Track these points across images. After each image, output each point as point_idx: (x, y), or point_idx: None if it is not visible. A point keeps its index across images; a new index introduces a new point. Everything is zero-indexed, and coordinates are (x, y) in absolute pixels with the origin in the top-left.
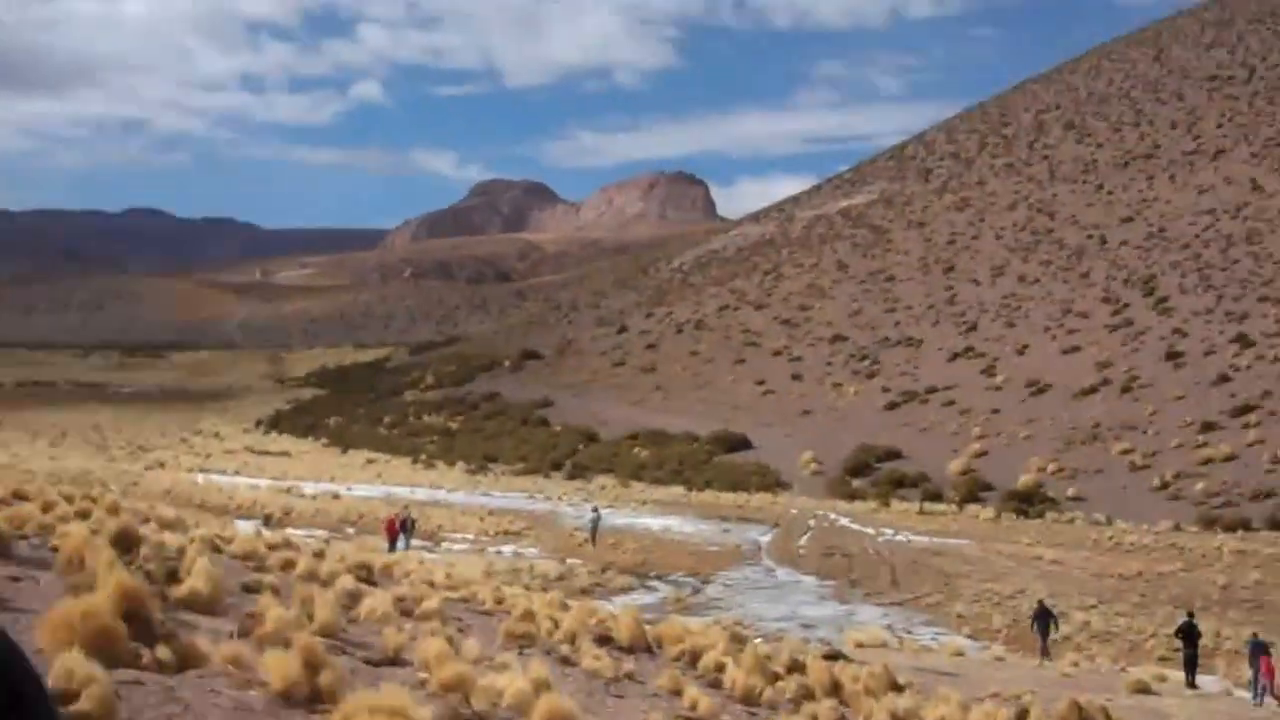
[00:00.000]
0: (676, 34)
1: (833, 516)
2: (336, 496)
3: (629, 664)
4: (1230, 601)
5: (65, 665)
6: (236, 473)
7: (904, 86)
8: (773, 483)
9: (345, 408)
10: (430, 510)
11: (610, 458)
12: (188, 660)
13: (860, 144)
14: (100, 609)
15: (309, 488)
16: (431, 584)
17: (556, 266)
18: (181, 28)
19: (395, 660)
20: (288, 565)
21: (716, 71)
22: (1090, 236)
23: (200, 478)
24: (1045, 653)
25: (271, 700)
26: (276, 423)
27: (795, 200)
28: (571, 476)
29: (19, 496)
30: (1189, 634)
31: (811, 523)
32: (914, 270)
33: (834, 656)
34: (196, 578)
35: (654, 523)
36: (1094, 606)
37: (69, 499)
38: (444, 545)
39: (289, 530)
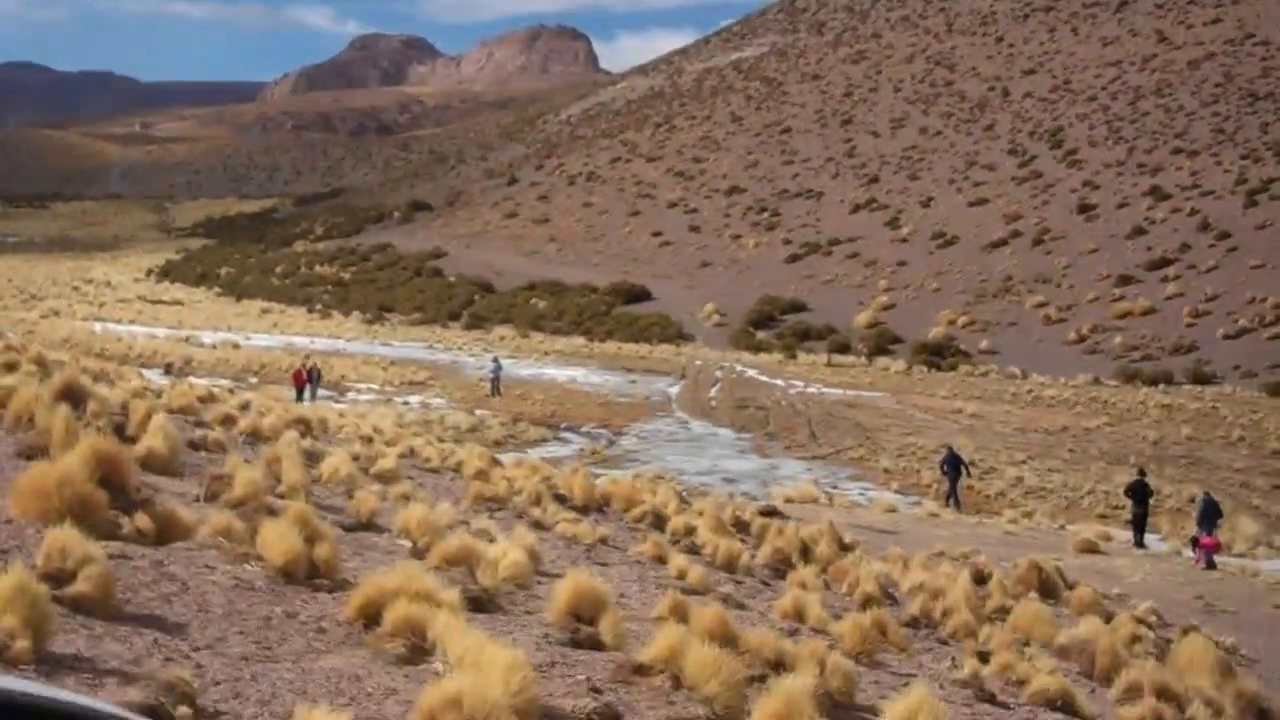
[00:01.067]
0: None
1: (739, 369)
2: (236, 346)
3: (601, 527)
4: (1164, 458)
5: (57, 541)
6: (132, 322)
7: None
8: (675, 334)
9: (236, 258)
10: (332, 360)
11: (508, 308)
12: (171, 531)
13: None
14: (76, 475)
15: (208, 337)
16: (368, 439)
17: (438, 120)
18: None
19: (369, 525)
20: (227, 420)
21: None
22: (992, 89)
23: (97, 326)
24: (955, 499)
25: (272, 577)
26: (168, 272)
27: (684, 53)
28: (469, 327)
29: None
30: (1140, 493)
31: (719, 374)
32: (810, 123)
33: (770, 513)
34: (153, 436)
35: (559, 373)
36: (1024, 462)
37: None
38: (349, 395)
39: (192, 380)
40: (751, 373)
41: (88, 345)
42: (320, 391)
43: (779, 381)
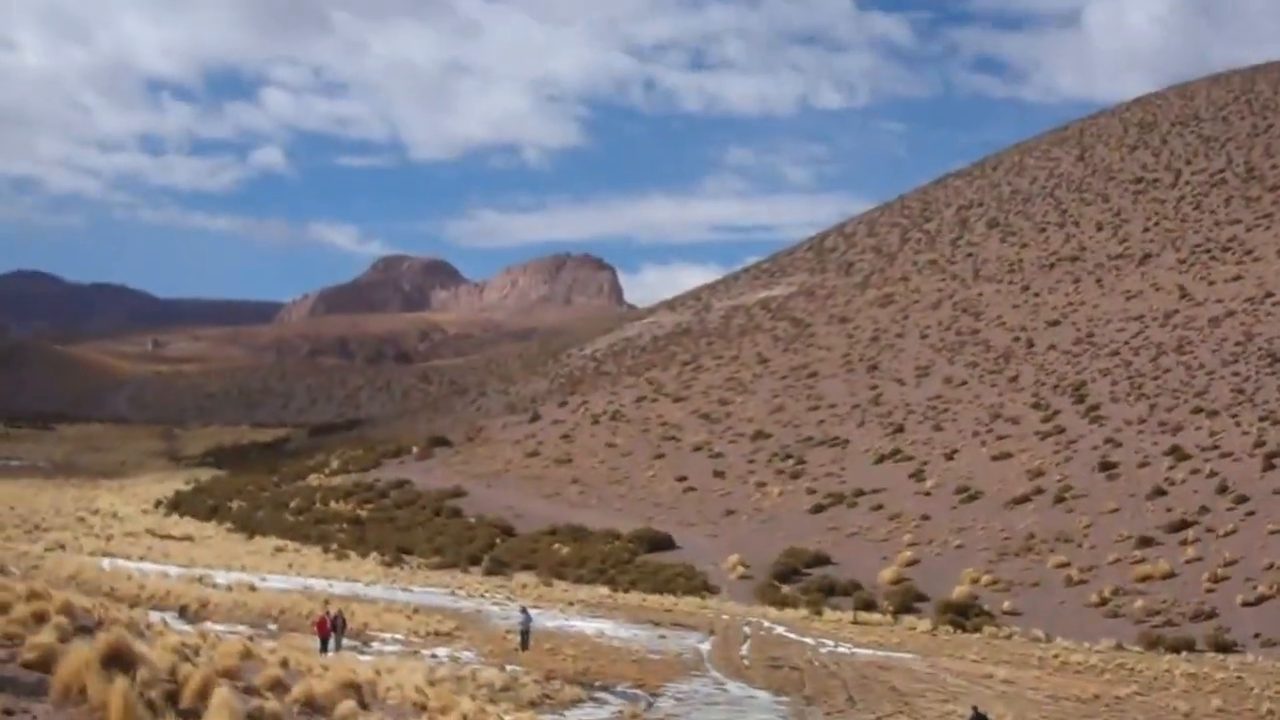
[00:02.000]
0: (585, 113)
1: (766, 624)
2: (253, 588)
3: None
4: None
5: None
6: (142, 558)
7: (811, 177)
8: (700, 586)
9: (248, 491)
10: (352, 606)
11: (529, 553)
12: None
13: (765, 234)
14: None
15: (221, 577)
16: (422, 706)
17: (458, 348)
18: (80, 83)
19: None
20: (277, 686)
21: (624, 154)
22: (1017, 339)
23: (106, 563)
24: None
25: None
26: (177, 504)
27: (712, 289)
28: (490, 572)
29: None
30: None
31: (747, 630)
32: (837, 367)
33: None
34: (218, 714)
35: (585, 626)
36: None
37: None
38: (374, 645)
39: (208, 625)
40: (779, 630)
41: (96, 583)
42: (345, 641)
43: (808, 640)
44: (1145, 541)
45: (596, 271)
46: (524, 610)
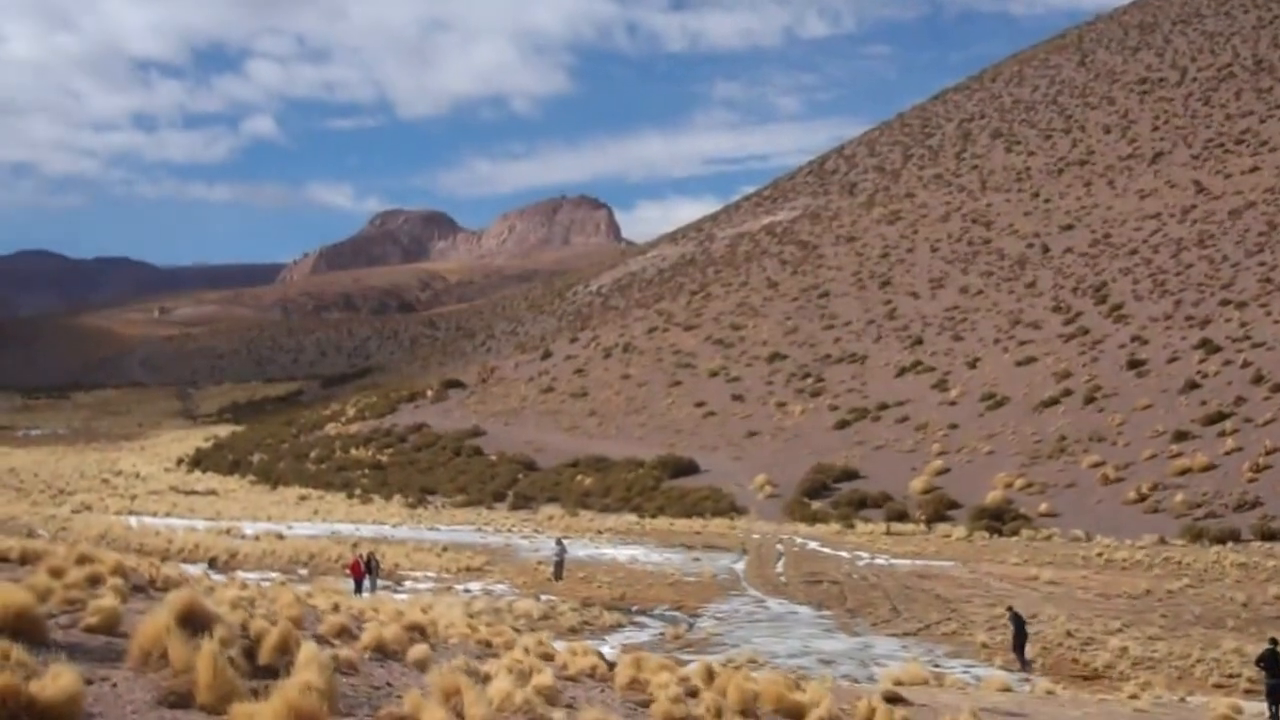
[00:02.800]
0: (571, 60)
1: (799, 541)
2: (280, 536)
3: None
4: (1259, 620)
5: None
6: (168, 514)
7: (803, 105)
8: (728, 507)
9: (267, 444)
10: (382, 548)
11: (553, 486)
12: None
13: (760, 164)
14: None
15: (249, 528)
16: (487, 643)
17: (460, 295)
18: (69, 68)
19: None
20: (343, 633)
21: (612, 96)
22: (1031, 245)
23: (133, 520)
24: (1026, 665)
25: None
26: (199, 461)
27: (714, 219)
28: (515, 507)
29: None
30: (1274, 663)
31: (780, 548)
32: (849, 285)
33: (894, 700)
34: (307, 669)
35: (617, 553)
36: (1120, 630)
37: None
38: (407, 584)
39: (238, 574)
40: (813, 545)
41: (125, 541)
42: (379, 582)
43: (843, 553)
44: (1181, 436)
45: (593, 211)
46: (559, 541)
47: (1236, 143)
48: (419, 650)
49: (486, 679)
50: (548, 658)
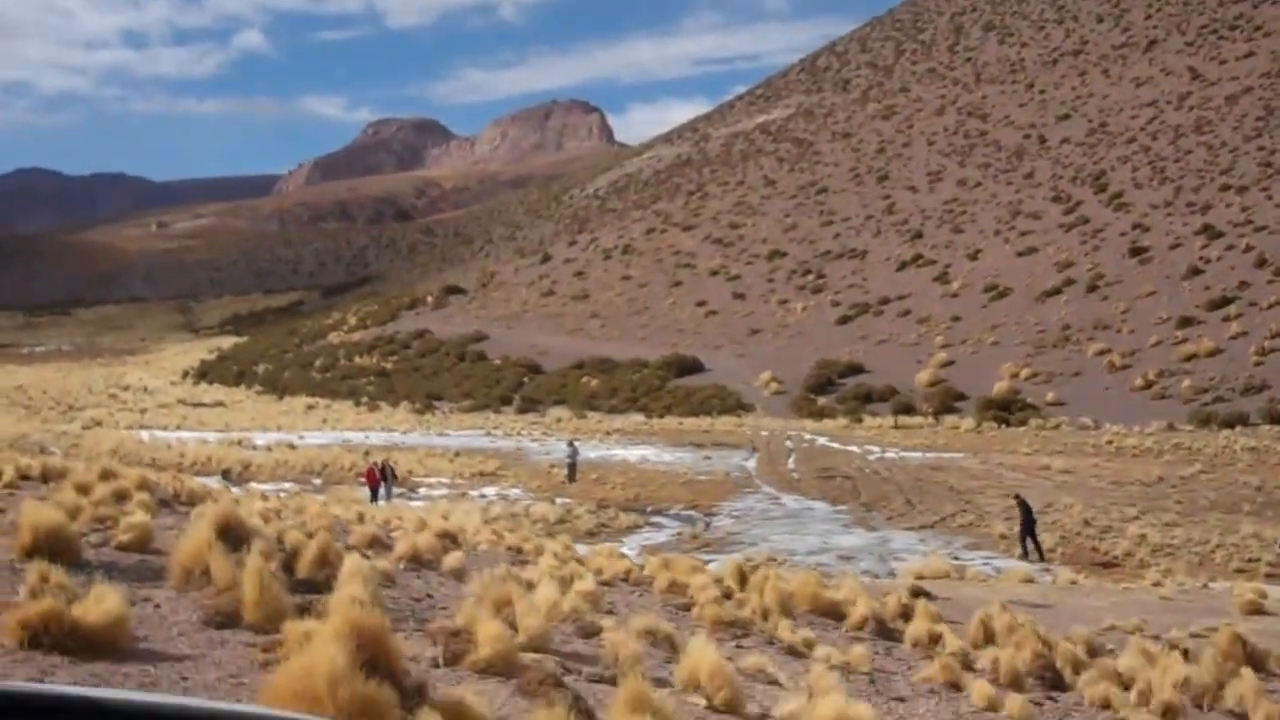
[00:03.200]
0: None
1: (808, 436)
2: (292, 447)
3: (860, 648)
4: (1274, 503)
5: None
6: (178, 427)
7: (790, 4)
8: (734, 405)
9: (271, 354)
10: (394, 455)
11: (559, 389)
12: None
13: (749, 64)
14: (340, 668)
15: (260, 439)
16: (517, 549)
17: (456, 202)
18: None
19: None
20: (375, 543)
21: (600, 1)
22: (1028, 136)
23: (144, 434)
24: (1036, 549)
25: None
26: (205, 373)
27: (708, 119)
28: (523, 410)
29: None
30: None
31: (789, 444)
32: (846, 181)
33: (919, 594)
34: (351, 582)
35: (627, 454)
36: (1137, 518)
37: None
38: (421, 491)
39: (252, 484)
40: (822, 440)
41: (137, 455)
42: (393, 489)
43: (853, 448)
44: (1186, 321)
45: (585, 115)
46: (570, 443)
47: (1230, 28)
48: (454, 559)
49: (530, 586)
50: (579, 563)
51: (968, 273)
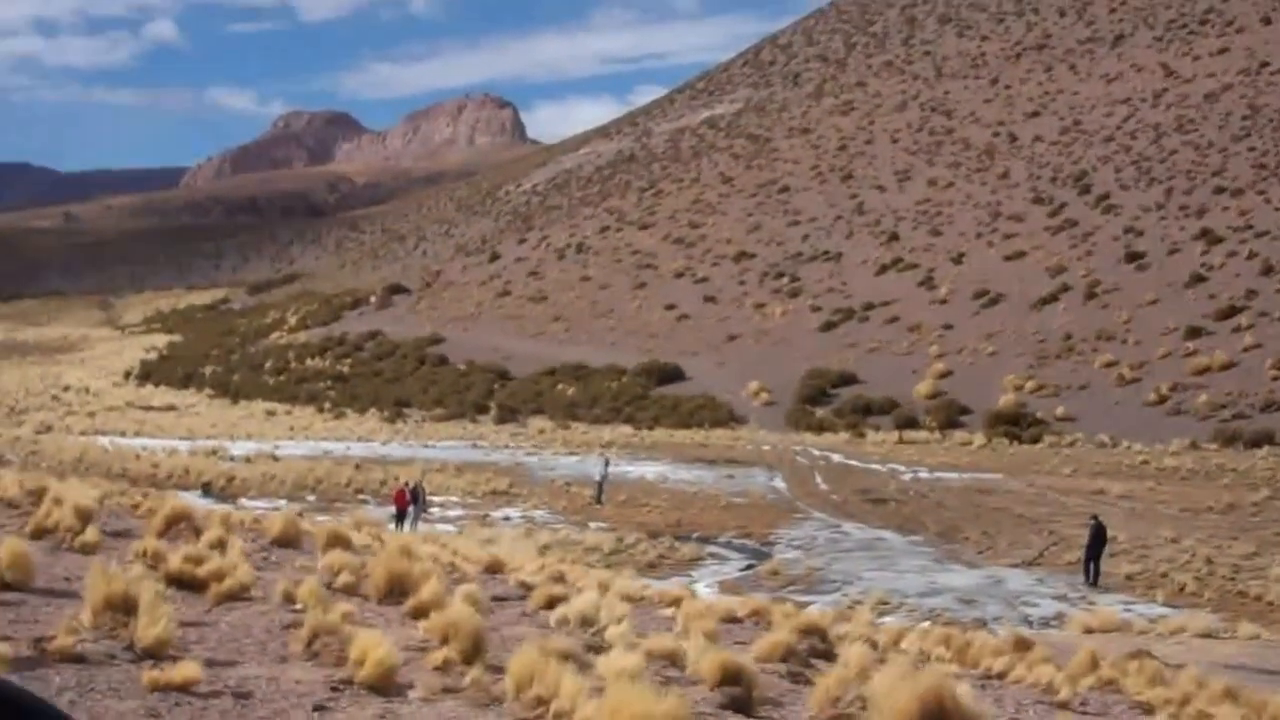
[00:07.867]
0: None
1: (816, 452)
2: (275, 458)
3: None
4: None
5: None
6: (137, 433)
7: (699, 3)
8: (726, 417)
9: (215, 355)
10: (393, 469)
11: (534, 397)
12: None
13: (657, 63)
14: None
15: (236, 449)
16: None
17: (370, 198)
18: None
19: None
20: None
21: None
22: (997, 134)
23: (105, 441)
24: (1096, 573)
25: None
26: (148, 375)
27: (647, 113)
28: (501, 420)
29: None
30: None
31: (802, 460)
32: (809, 179)
33: (1140, 655)
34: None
35: (642, 471)
36: (1256, 554)
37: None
38: (435, 512)
39: (242, 501)
40: (837, 457)
41: (105, 465)
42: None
43: (875, 466)
44: (1194, 332)
45: (498, 110)
46: (606, 460)
47: (1200, 23)
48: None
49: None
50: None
51: (954, 277)
